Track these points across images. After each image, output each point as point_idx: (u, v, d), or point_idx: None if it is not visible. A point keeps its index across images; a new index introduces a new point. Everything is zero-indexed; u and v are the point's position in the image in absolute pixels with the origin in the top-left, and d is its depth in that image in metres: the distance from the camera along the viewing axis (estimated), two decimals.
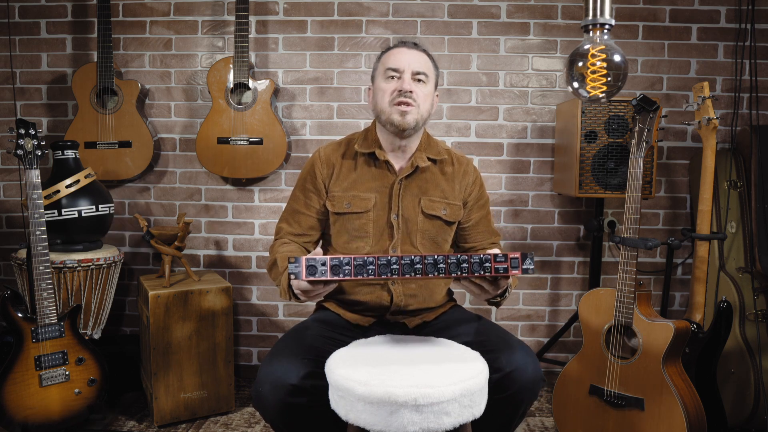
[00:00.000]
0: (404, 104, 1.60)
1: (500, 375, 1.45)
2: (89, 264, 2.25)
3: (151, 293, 2.24)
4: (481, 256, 1.33)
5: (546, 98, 2.72)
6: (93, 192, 2.33)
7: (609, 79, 1.34)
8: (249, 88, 2.59)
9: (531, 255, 1.34)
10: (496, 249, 1.44)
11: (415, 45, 1.68)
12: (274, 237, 1.78)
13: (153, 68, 2.73)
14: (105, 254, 2.32)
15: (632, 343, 1.98)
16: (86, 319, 2.30)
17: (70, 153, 2.33)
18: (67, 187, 2.26)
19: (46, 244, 1.98)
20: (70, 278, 2.22)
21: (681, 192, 2.74)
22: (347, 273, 1.31)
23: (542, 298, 2.79)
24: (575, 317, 2.48)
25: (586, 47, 1.35)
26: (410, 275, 1.32)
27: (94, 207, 2.32)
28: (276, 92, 2.66)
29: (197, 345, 2.32)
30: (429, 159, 1.71)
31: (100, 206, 2.34)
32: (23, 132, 1.98)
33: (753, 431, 2.26)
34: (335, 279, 1.31)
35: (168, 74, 2.74)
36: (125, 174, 2.63)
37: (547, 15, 2.68)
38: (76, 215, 2.27)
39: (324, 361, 1.44)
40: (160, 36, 2.72)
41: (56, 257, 2.19)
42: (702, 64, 2.68)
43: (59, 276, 2.20)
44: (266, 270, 1.72)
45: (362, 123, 2.72)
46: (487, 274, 1.33)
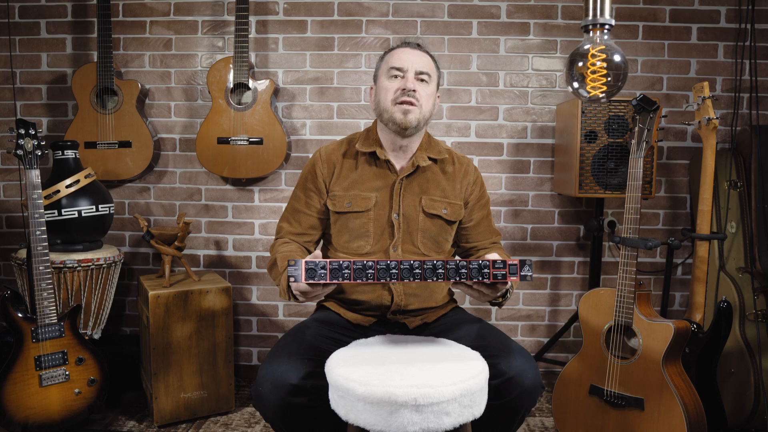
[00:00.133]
0: (407, 103, 1.61)
1: (500, 381, 1.45)
2: (89, 264, 2.25)
3: (151, 293, 2.24)
4: (480, 262, 1.34)
5: (546, 98, 2.72)
6: (93, 192, 2.33)
7: (609, 79, 1.34)
8: (249, 88, 2.59)
9: (530, 262, 1.35)
10: (495, 254, 1.45)
11: (419, 46, 1.70)
12: (275, 236, 1.79)
13: (153, 68, 2.73)
14: (105, 254, 2.32)
15: (632, 343, 1.98)
16: (86, 319, 2.30)
17: (70, 153, 2.33)
18: (67, 187, 2.26)
19: (46, 244, 1.98)
20: (70, 278, 2.22)
21: (681, 192, 2.74)
22: (347, 276, 1.31)
23: (542, 298, 2.79)
24: (575, 317, 2.48)
25: (586, 47, 1.35)
26: (409, 280, 1.33)
27: (94, 207, 2.32)
28: (276, 92, 2.66)
29: (197, 345, 2.32)
30: (430, 158, 1.72)
31: (100, 206, 2.34)
32: (23, 132, 1.98)
33: (753, 431, 2.26)
34: (334, 282, 1.32)
35: (168, 74, 2.74)
36: (125, 174, 2.64)
37: (547, 15, 2.68)
38: (76, 215, 2.27)
39: (324, 361, 1.44)
40: (160, 36, 2.72)
41: (56, 257, 2.19)
42: (702, 64, 2.68)
43: (59, 276, 2.20)
44: (266, 269, 1.72)
45: (362, 123, 2.72)
46: (486, 280, 1.34)
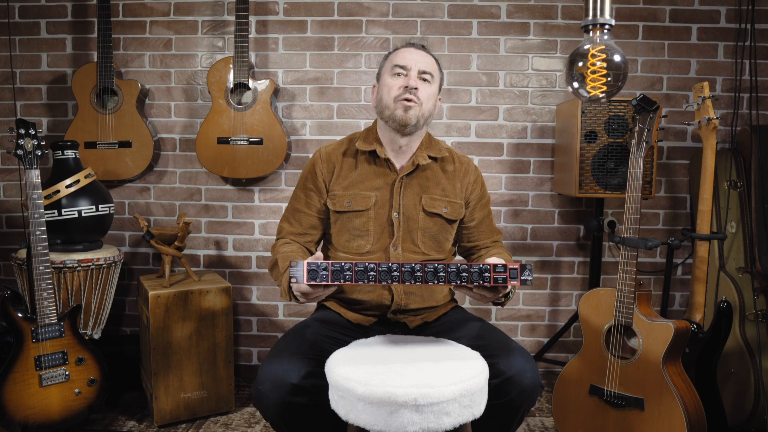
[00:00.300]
0: (408, 101, 1.62)
1: (499, 380, 1.45)
2: (89, 264, 2.25)
3: (151, 293, 2.24)
4: (481, 266, 1.35)
5: (546, 98, 2.72)
6: (93, 192, 2.33)
7: (609, 79, 1.34)
8: (249, 88, 2.59)
9: (530, 266, 1.36)
10: (496, 258, 1.46)
11: (423, 47, 1.73)
12: (276, 236, 1.79)
13: (153, 68, 2.73)
14: (105, 254, 2.32)
15: (632, 343, 1.98)
16: (86, 319, 2.30)
17: (70, 153, 2.33)
18: (67, 187, 2.26)
19: (46, 244, 1.98)
20: (70, 278, 2.22)
21: (681, 192, 2.74)
22: (348, 278, 1.33)
23: (542, 298, 2.79)
24: (575, 317, 2.48)
25: (586, 47, 1.35)
26: (410, 282, 1.34)
27: (94, 207, 2.32)
28: (276, 92, 2.66)
29: (197, 345, 2.32)
30: (430, 157, 1.72)
31: (100, 206, 2.34)
32: (23, 132, 1.98)
33: (753, 431, 2.26)
34: (336, 284, 1.33)
35: (168, 74, 2.74)
36: (125, 174, 2.64)
37: (547, 15, 2.68)
38: (76, 215, 2.27)
39: (325, 361, 1.44)
40: (160, 36, 2.72)
41: (56, 257, 2.19)
42: (702, 64, 2.68)
43: (59, 276, 2.20)
44: (267, 270, 1.72)
45: (362, 123, 2.72)
46: (486, 284, 1.35)
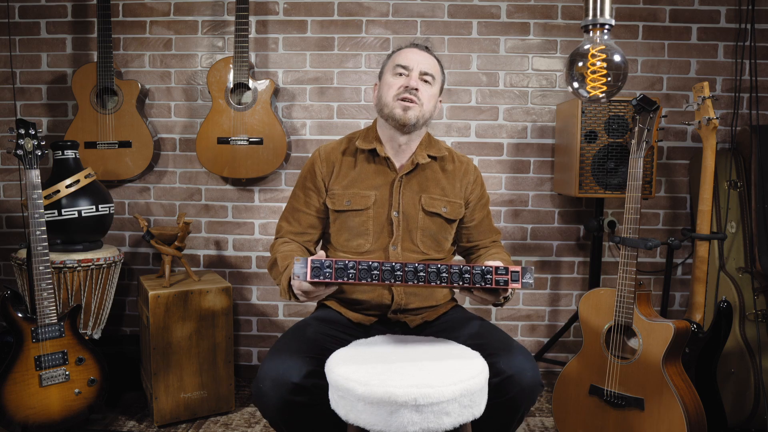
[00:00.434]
0: (408, 100, 1.63)
1: (499, 379, 1.45)
2: (89, 264, 2.25)
3: (151, 293, 2.24)
4: (483, 268, 1.35)
5: (546, 98, 2.72)
6: (93, 192, 2.33)
7: (609, 79, 1.34)
8: (249, 88, 2.59)
9: (531, 269, 1.36)
10: (497, 261, 1.47)
11: (427, 48, 1.73)
12: (275, 236, 1.79)
13: (153, 68, 2.73)
14: (105, 254, 2.32)
15: (632, 343, 1.98)
16: (86, 319, 2.30)
17: (70, 153, 2.33)
18: (67, 187, 2.26)
19: (46, 244, 1.98)
20: (70, 278, 2.22)
21: (681, 192, 2.74)
22: (351, 276, 1.33)
23: (542, 298, 2.79)
24: (575, 317, 2.48)
25: (586, 47, 1.35)
26: (413, 283, 1.34)
27: (94, 207, 2.32)
28: (276, 92, 2.66)
29: (197, 345, 2.32)
30: (429, 156, 1.73)
31: (100, 206, 2.34)
32: (23, 132, 1.98)
33: (753, 431, 2.26)
34: (338, 282, 1.33)
35: (168, 74, 2.74)
36: (125, 174, 2.64)
37: (547, 15, 2.68)
38: (76, 215, 2.27)
39: (326, 359, 1.44)
40: (160, 36, 2.72)
41: (56, 257, 2.19)
42: (702, 64, 2.68)
43: (59, 276, 2.20)
44: (267, 269, 1.72)
45: (362, 123, 2.72)
46: (488, 286, 1.35)
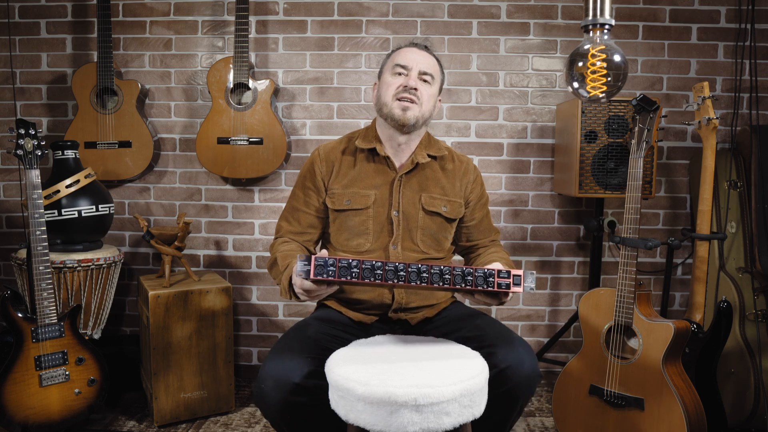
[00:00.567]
0: (407, 100, 1.62)
1: (497, 370, 1.45)
2: (89, 264, 2.25)
3: (151, 293, 2.24)
4: (486, 271, 1.35)
5: (546, 98, 2.72)
6: (93, 192, 2.33)
7: (609, 79, 1.34)
8: (249, 88, 2.59)
9: (533, 273, 1.37)
10: (498, 261, 1.46)
11: (426, 48, 1.73)
12: (274, 235, 1.79)
13: (153, 68, 2.73)
14: (105, 254, 2.32)
15: (632, 343, 1.98)
16: (86, 319, 2.30)
17: (70, 153, 2.33)
18: (67, 187, 2.26)
19: (46, 244, 1.98)
20: (70, 278, 2.22)
21: (681, 192, 2.74)
22: (355, 275, 1.32)
23: (542, 298, 2.79)
24: (575, 317, 2.48)
25: (586, 47, 1.35)
26: (416, 283, 1.34)
27: (94, 207, 2.32)
28: (276, 92, 2.66)
29: (197, 345, 2.32)
30: (429, 156, 1.73)
31: (100, 206, 2.34)
32: (23, 132, 1.98)
33: (753, 431, 2.26)
34: (341, 281, 1.32)
35: (168, 74, 2.74)
36: (125, 174, 2.64)
37: (547, 15, 2.68)
38: (76, 215, 2.27)
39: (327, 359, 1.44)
40: (160, 36, 2.72)
41: (56, 257, 2.19)
42: (702, 64, 2.68)
43: (59, 276, 2.20)
44: (266, 269, 1.72)
45: (362, 123, 2.72)
46: (490, 289, 1.35)
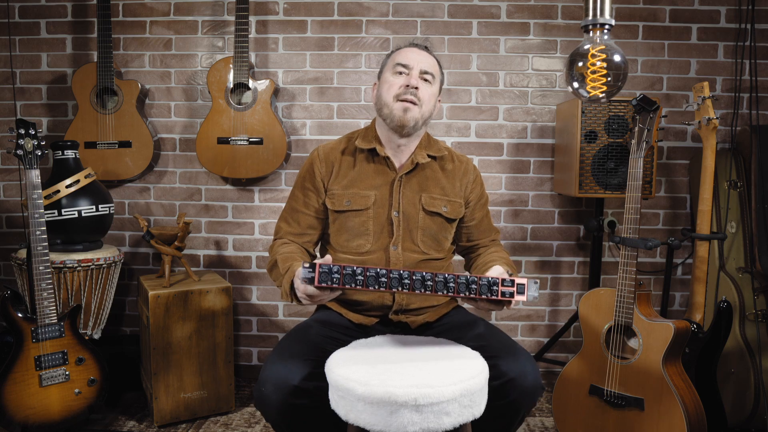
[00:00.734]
0: (408, 101, 1.62)
1: (500, 381, 1.45)
2: (89, 264, 2.25)
3: (151, 293, 2.24)
4: (490, 279, 1.36)
5: (546, 98, 2.72)
6: (93, 192, 2.33)
7: (609, 79, 1.34)
8: (249, 88, 2.59)
9: (537, 282, 1.37)
10: (499, 263, 1.47)
11: (426, 48, 1.73)
12: (274, 236, 1.78)
13: (153, 68, 2.73)
14: (105, 254, 2.32)
15: (632, 343, 1.98)
16: (86, 319, 2.30)
17: (70, 153, 2.33)
18: (67, 187, 2.26)
19: (46, 244, 1.98)
20: (70, 278, 2.22)
21: (681, 192, 2.74)
22: (359, 283, 1.32)
23: (542, 298, 2.79)
24: (575, 317, 2.48)
25: (586, 47, 1.35)
26: (420, 291, 1.34)
27: (94, 207, 2.32)
28: (276, 92, 2.66)
29: (197, 345, 2.32)
30: (429, 156, 1.72)
31: (100, 206, 2.34)
32: (23, 132, 1.98)
33: (753, 431, 2.26)
34: (345, 288, 1.33)
35: (168, 74, 2.74)
36: (125, 174, 2.63)
37: (547, 15, 2.68)
38: (76, 215, 2.27)
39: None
40: (160, 36, 2.72)
41: (56, 257, 2.19)
42: (702, 64, 2.68)
43: (59, 276, 2.20)
44: (267, 270, 1.72)
45: (362, 123, 2.72)
46: (494, 298, 1.35)
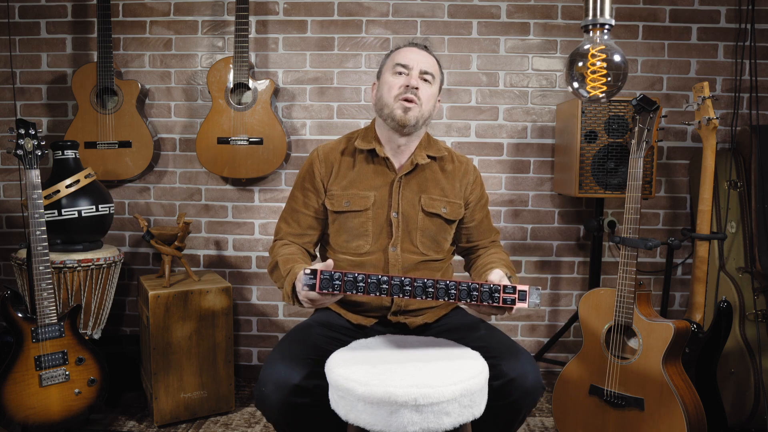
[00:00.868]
0: (409, 101, 1.62)
1: (501, 382, 1.45)
2: (89, 264, 2.25)
3: (151, 293, 2.24)
4: (491, 286, 1.36)
5: (546, 98, 2.72)
6: (93, 192, 2.33)
7: (609, 79, 1.34)
8: (249, 88, 2.59)
9: (538, 289, 1.37)
10: (499, 270, 1.47)
11: (426, 48, 1.72)
12: (274, 237, 1.78)
13: (153, 68, 2.73)
14: (105, 254, 2.32)
15: (632, 343, 1.98)
16: (86, 319, 2.30)
17: (70, 153, 2.33)
18: (67, 187, 2.26)
19: (46, 244, 1.98)
20: (70, 278, 2.22)
21: (681, 192, 2.74)
22: (361, 289, 1.33)
23: (542, 298, 2.79)
24: (575, 317, 2.48)
25: (586, 47, 1.35)
26: (422, 297, 1.35)
27: (94, 207, 2.32)
28: (276, 92, 2.66)
29: (197, 345, 2.32)
30: (429, 156, 1.72)
31: (100, 206, 2.34)
32: (23, 132, 1.98)
33: (753, 431, 2.26)
34: (346, 294, 1.34)
35: (168, 74, 2.74)
36: (125, 174, 2.63)
37: (547, 15, 2.68)
38: (76, 215, 2.27)
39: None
40: (160, 36, 2.72)
41: (56, 257, 2.19)
42: (702, 64, 2.68)
43: (59, 276, 2.20)
44: (268, 272, 1.72)
45: (362, 123, 2.72)
46: (495, 304, 1.36)
